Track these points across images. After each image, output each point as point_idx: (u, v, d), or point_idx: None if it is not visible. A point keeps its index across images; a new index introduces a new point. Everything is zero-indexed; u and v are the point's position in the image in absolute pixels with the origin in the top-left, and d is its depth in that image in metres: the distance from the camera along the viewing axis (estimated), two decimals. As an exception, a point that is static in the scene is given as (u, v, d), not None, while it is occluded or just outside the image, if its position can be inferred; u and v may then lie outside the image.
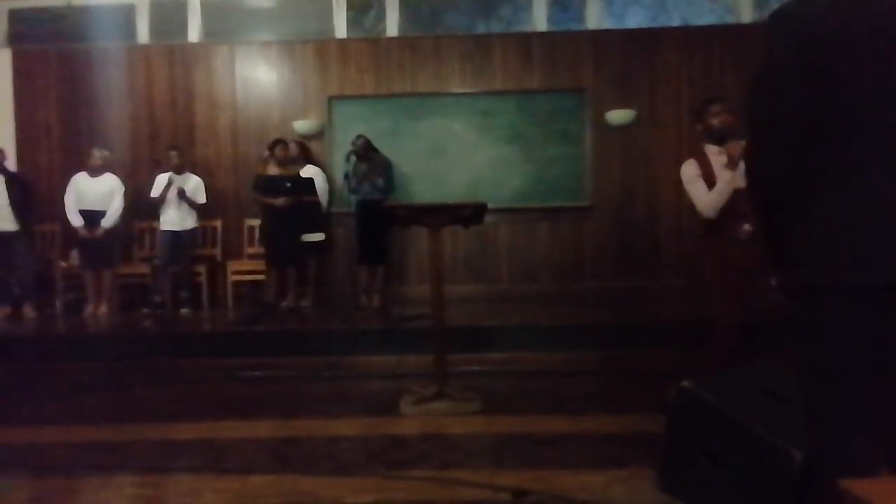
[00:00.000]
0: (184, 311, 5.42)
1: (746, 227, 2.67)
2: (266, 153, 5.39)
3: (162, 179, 5.40)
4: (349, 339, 4.42)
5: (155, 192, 5.38)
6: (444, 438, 2.83)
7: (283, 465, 2.54)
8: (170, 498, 2.29)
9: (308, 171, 5.56)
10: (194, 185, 5.50)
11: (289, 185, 5.23)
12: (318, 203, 5.51)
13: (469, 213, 3.19)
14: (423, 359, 3.74)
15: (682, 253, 5.84)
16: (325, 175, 5.77)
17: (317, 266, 5.69)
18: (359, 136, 5.28)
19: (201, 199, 5.51)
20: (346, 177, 4.73)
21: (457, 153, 5.98)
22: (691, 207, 2.94)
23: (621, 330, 4.41)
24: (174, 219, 5.38)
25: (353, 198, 5.26)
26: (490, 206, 3.41)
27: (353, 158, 5.08)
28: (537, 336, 4.33)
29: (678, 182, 3.03)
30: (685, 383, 2.15)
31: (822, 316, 1.21)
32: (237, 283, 5.71)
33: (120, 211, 5.46)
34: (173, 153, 5.47)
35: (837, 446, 1.29)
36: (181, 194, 5.34)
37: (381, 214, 3.42)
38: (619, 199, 5.92)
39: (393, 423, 3.06)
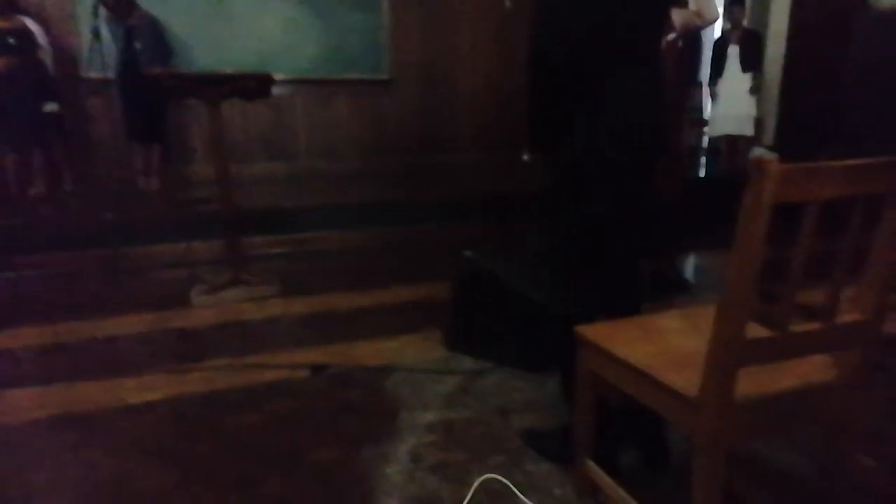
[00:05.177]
0: None
1: None
2: None
3: None
4: (126, 227, 3.91)
5: None
6: (240, 325, 2.76)
7: (49, 375, 2.26)
8: None
9: (19, 21, 4.42)
10: None
11: (12, 41, 4.14)
12: (43, 63, 4.48)
13: (253, 86, 2.87)
14: (216, 245, 3.50)
15: (479, 126, 6.11)
16: (41, 28, 4.65)
17: (62, 143, 4.76)
18: None
19: None
20: (96, 33, 3.86)
21: (241, 13, 5.26)
22: None
23: (419, 206, 4.58)
24: None
25: (113, 62, 4.38)
26: (283, 76, 3.11)
27: (103, 11, 4.14)
28: (337, 215, 4.30)
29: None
30: (468, 253, 2.35)
31: (583, 184, 1.48)
32: (-39, 168, 4.57)
33: None
34: None
35: (575, 298, 1.56)
36: None
37: (146, 84, 2.91)
38: (418, 72, 5.86)
39: (182, 315, 2.88)
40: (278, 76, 3.40)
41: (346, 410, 2.01)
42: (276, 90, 3.14)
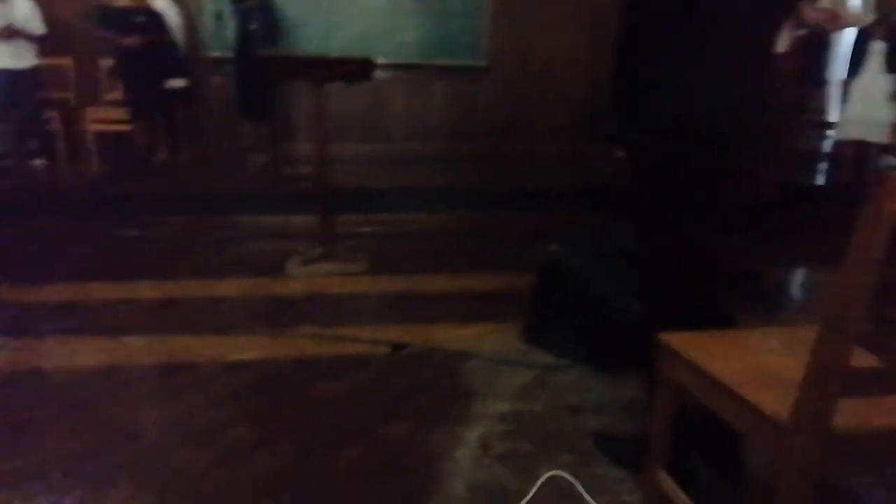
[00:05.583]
0: (37, 162, 4.83)
1: None
2: None
3: None
4: (234, 198, 4.22)
5: None
6: (329, 298, 2.90)
7: (160, 326, 2.51)
8: (39, 359, 2.21)
9: (156, 4, 4.85)
10: (24, 12, 4.59)
11: (141, 19, 4.54)
12: (173, 43, 4.87)
13: (354, 69, 2.97)
14: (311, 220, 3.68)
15: (573, 117, 5.97)
16: (177, 9, 5.03)
17: (185, 117, 5.18)
18: None
19: (37, 28, 4.65)
20: (219, 15, 4.16)
21: (345, -3, 5.45)
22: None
23: (507, 192, 4.57)
24: (6, 55, 4.54)
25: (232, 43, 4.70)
26: (383, 60, 3.19)
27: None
28: (427, 198, 4.39)
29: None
30: (553, 247, 2.32)
31: (653, 178, 1.45)
32: (99, 134, 5.11)
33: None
34: None
35: (650, 301, 1.51)
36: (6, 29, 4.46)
37: (259, 64, 3.09)
38: (515, 60, 5.80)
39: (278, 283, 3.07)
40: (379, 60, 3.50)
41: (422, 390, 2.07)
42: (376, 74, 3.24)
